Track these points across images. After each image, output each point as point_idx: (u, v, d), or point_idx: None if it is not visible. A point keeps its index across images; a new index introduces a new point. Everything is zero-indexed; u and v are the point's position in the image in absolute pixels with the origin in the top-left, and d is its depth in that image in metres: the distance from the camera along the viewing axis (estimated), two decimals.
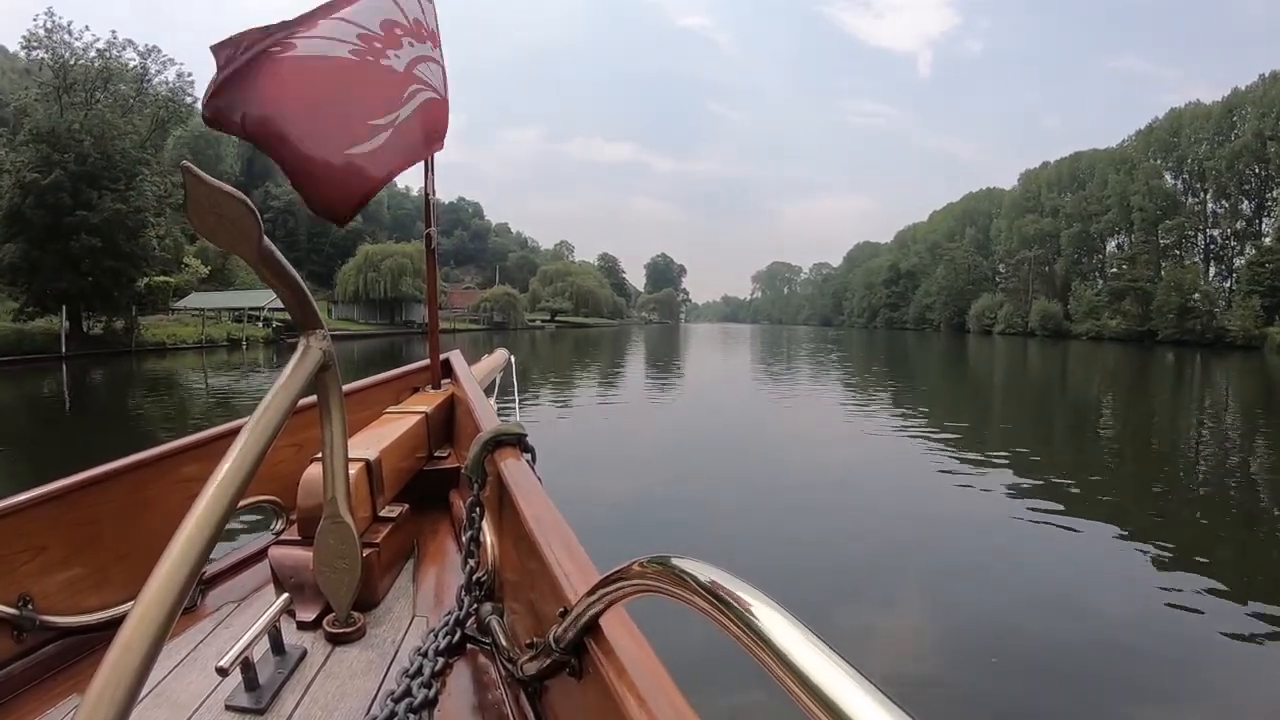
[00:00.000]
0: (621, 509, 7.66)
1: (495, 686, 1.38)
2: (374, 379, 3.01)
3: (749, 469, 9.95)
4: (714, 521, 7.34)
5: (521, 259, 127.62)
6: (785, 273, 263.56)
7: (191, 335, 36.38)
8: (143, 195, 27.16)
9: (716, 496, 8.26)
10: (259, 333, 41.95)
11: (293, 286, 1.40)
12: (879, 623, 5.06)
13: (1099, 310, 76.53)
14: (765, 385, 23.39)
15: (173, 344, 34.02)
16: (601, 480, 8.93)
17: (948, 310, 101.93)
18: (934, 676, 4.27)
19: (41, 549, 1.53)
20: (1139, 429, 15.63)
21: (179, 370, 25.22)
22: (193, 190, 1.12)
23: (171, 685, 1.38)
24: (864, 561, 6.22)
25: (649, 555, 0.80)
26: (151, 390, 19.93)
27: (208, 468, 1.11)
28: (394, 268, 63.48)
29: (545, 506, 1.39)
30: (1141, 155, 78.12)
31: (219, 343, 37.71)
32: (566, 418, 14.42)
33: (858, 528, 7.07)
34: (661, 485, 8.87)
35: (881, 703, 0.50)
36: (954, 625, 5.00)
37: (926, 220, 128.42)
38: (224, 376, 23.72)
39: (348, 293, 64.14)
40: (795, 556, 6.22)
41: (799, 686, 0.53)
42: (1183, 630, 4.88)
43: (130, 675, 0.80)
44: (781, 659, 0.56)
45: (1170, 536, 6.89)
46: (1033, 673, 4.30)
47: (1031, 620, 4.97)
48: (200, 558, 0.95)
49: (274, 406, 1.25)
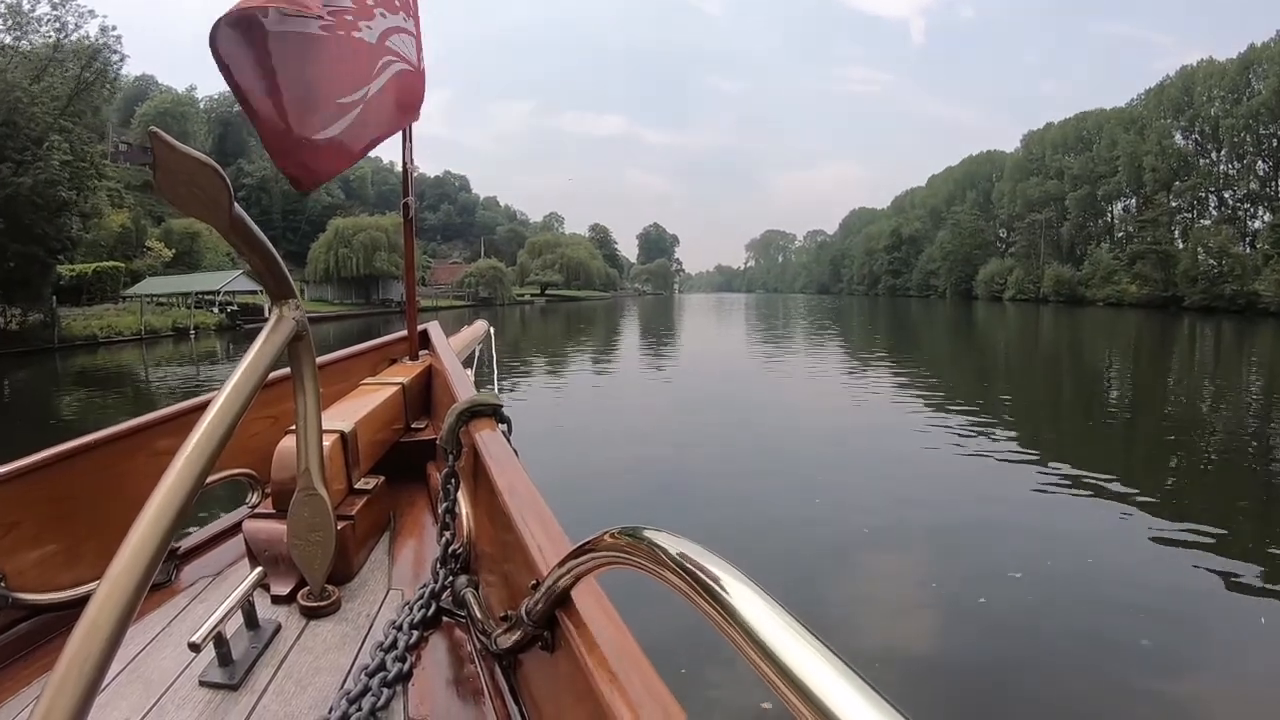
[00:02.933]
0: (612, 485, 7.71)
1: (470, 660, 1.37)
2: (351, 350, 3.00)
3: (759, 449, 9.54)
4: (710, 497, 7.30)
5: (510, 232, 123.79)
6: (779, 241, 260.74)
7: (131, 325, 32.01)
8: (50, 167, 23.27)
9: (732, 480, 7.94)
10: (210, 319, 37.82)
11: (264, 254, 1.36)
12: (869, 594, 5.13)
13: (1116, 275, 73.21)
14: (775, 360, 21.75)
15: (106, 337, 29.72)
16: (595, 458, 9.01)
17: (953, 276, 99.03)
18: (925, 651, 4.33)
19: (13, 525, 1.51)
20: (1187, 405, 14.67)
21: (106, 370, 22.18)
22: (161, 157, 1.07)
23: (144, 662, 1.37)
24: (864, 537, 6.15)
25: (620, 526, 0.79)
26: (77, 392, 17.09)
27: (182, 441, 1.06)
28: (367, 242, 59.15)
29: (519, 477, 1.40)
30: (1153, 114, 74.86)
31: (162, 333, 33.39)
32: (560, 395, 14.45)
33: (872, 505, 6.98)
34: (656, 465, 8.69)
35: (850, 680, 0.48)
36: (952, 602, 4.95)
37: (925, 185, 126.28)
38: (165, 370, 20.88)
39: (318, 271, 60.09)
40: (802, 534, 6.18)
41: (769, 666, 0.52)
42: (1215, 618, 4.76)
43: (97, 653, 0.78)
44: (750, 635, 0.55)
45: (1219, 523, 6.43)
46: (1032, 656, 4.27)
47: (1045, 610, 4.82)
48: (168, 532, 0.94)
49: (245, 377, 1.20)
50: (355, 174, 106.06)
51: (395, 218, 64.74)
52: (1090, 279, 76.91)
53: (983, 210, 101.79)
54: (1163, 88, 75.02)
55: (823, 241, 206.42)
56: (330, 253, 59.78)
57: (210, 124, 77.94)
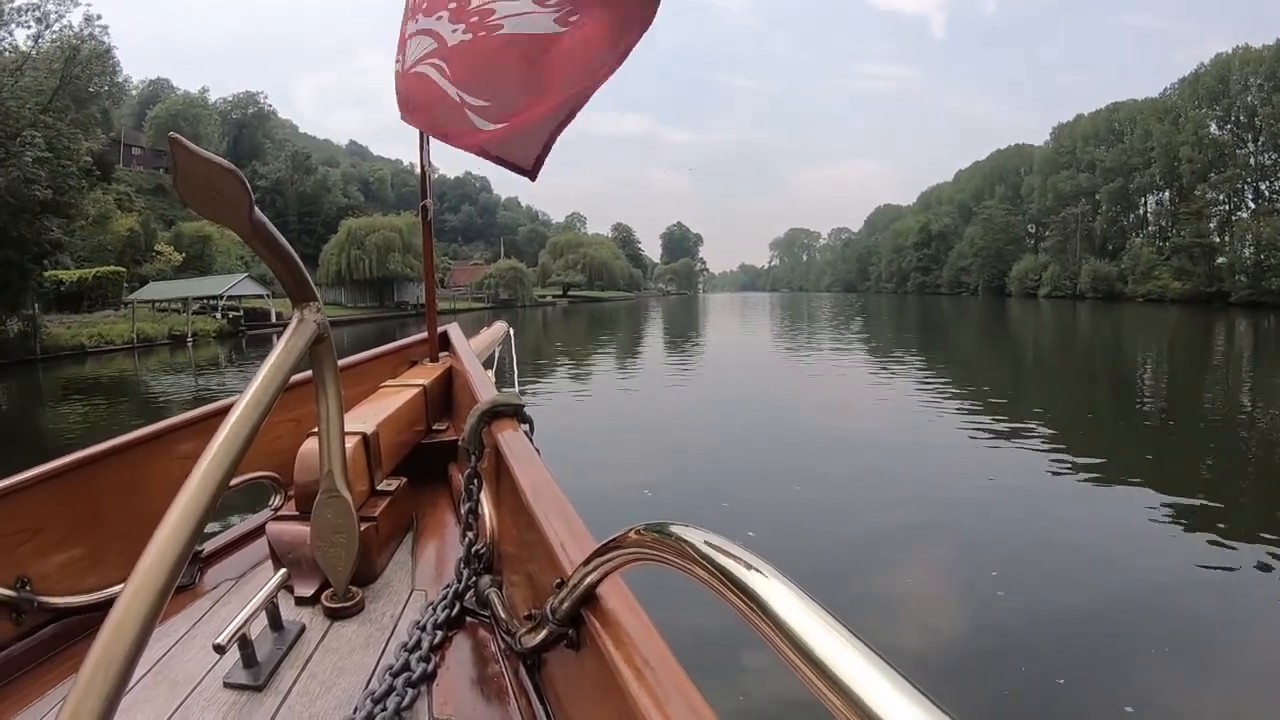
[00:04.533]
0: (641, 487, 7.55)
1: (494, 660, 1.37)
2: (371, 353, 2.99)
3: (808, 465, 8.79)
4: (741, 501, 7.11)
5: (531, 232, 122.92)
6: (804, 239, 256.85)
7: (123, 334, 29.92)
8: (23, 164, 21.66)
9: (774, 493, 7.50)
10: (209, 325, 35.69)
11: (285, 258, 1.35)
12: (901, 593, 5.01)
13: (1157, 270, 69.99)
14: (814, 365, 20.18)
15: (95, 346, 27.82)
16: (619, 460, 8.86)
17: (986, 272, 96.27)
18: (959, 647, 4.25)
19: (38, 530, 1.52)
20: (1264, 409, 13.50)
21: (90, 382, 21.32)
22: (181, 162, 1.09)
23: (169, 664, 1.38)
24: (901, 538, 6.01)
25: (645, 522, 0.78)
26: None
27: (205, 444, 1.08)
28: (380, 243, 57.75)
29: (542, 477, 1.38)
30: (1188, 104, 71.81)
31: (158, 341, 31.25)
32: (582, 399, 14.17)
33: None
34: (686, 468, 8.52)
35: (889, 677, 0.47)
36: (986, 608, 4.77)
37: (952, 180, 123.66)
38: (158, 381, 19.85)
39: (330, 274, 58.61)
40: (839, 533, 6.09)
41: (801, 659, 0.51)
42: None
43: (123, 655, 0.79)
44: (783, 630, 0.54)
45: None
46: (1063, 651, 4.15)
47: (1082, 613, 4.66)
48: (193, 535, 0.95)
49: (267, 381, 1.22)
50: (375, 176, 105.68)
51: (409, 217, 62.22)
52: (1130, 274, 74.02)
53: (1012, 205, 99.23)
54: (1198, 76, 72.12)
55: (848, 239, 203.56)
56: (342, 255, 58.26)
57: (225, 126, 77.16)
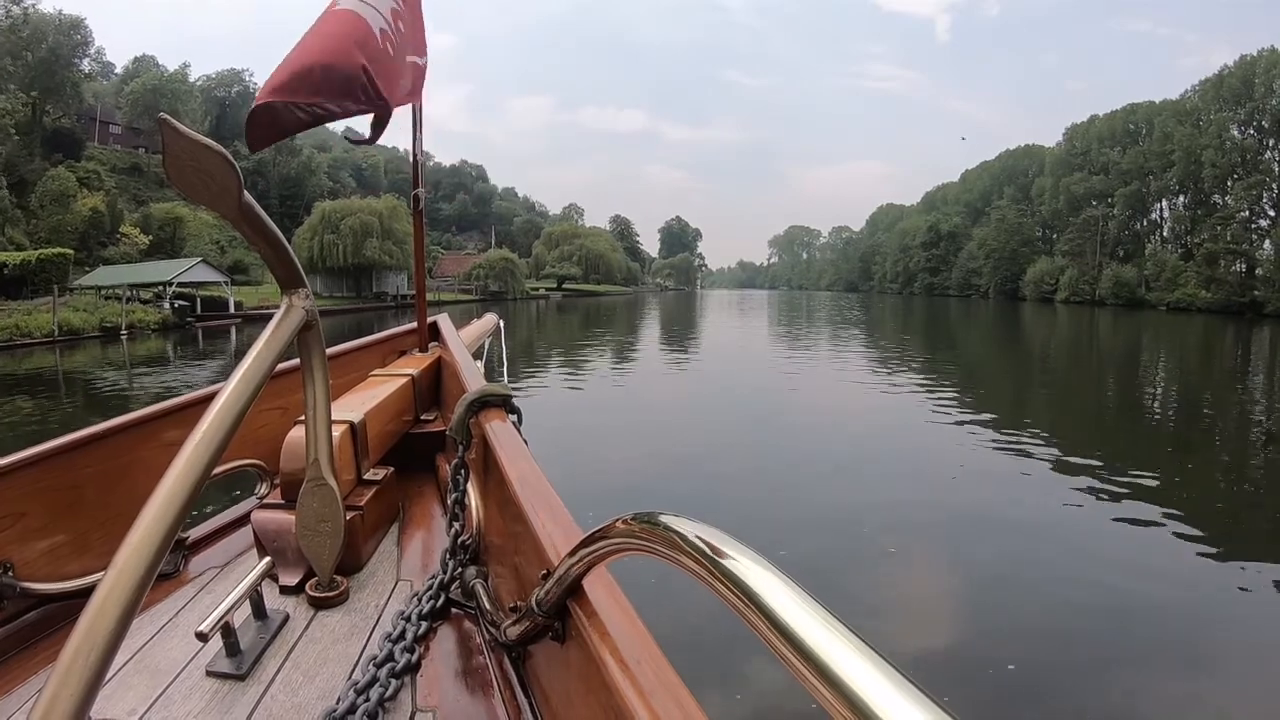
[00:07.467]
0: (626, 482, 7.55)
1: (479, 651, 1.37)
2: (361, 341, 2.94)
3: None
4: (734, 497, 7.06)
5: (527, 223, 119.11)
6: (803, 237, 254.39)
7: (44, 325, 25.79)
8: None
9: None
10: (150, 316, 31.54)
11: (274, 243, 1.34)
12: (898, 594, 5.02)
13: (1184, 277, 67.04)
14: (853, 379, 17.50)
15: (8, 340, 23.88)
16: (609, 456, 8.78)
17: (998, 275, 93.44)
18: (959, 647, 4.25)
19: (21, 515, 1.50)
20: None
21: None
22: (170, 144, 1.07)
23: (152, 652, 1.37)
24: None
25: (633, 512, 0.76)
26: None
27: (190, 431, 1.08)
28: (356, 227, 53.18)
29: (529, 468, 1.38)
30: (1210, 106, 69.35)
31: (86, 334, 26.95)
32: (573, 395, 13.76)
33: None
34: (679, 466, 8.33)
35: (881, 669, 0.46)
36: (985, 598, 4.90)
37: (958, 180, 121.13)
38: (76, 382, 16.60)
39: (301, 260, 52.27)
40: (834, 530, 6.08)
41: (791, 651, 0.50)
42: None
43: (102, 643, 0.79)
44: (775, 623, 0.53)
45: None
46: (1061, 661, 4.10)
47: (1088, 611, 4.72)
48: (175, 522, 0.95)
49: (254, 367, 1.20)
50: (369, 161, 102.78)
51: (390, 199, 58.57)
52: (1154, 280, 71.22)
53: (1021, 207, 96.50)
54: (1221, 78, 69.51)
55: (849, 238, 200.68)
56: (315, 239, 53.67)
57: (207, 104, 74.17)
